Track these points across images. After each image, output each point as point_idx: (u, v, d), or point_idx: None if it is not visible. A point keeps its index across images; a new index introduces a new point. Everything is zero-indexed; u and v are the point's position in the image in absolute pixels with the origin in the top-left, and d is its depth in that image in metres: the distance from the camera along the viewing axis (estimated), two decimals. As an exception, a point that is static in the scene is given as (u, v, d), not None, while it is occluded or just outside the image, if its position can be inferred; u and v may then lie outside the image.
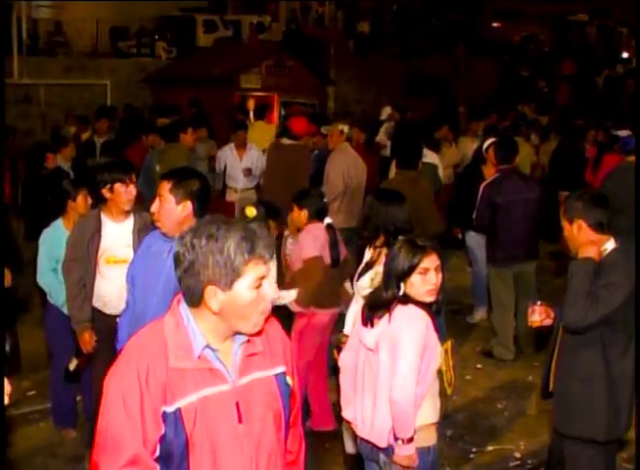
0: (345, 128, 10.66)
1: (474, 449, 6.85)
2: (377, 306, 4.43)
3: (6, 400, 2.55)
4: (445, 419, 5.31)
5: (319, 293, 6.54)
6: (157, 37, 28.26)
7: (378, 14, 33.87)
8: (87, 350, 6.20)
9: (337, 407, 5.77)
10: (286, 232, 7.35)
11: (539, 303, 5.03)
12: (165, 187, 4.82)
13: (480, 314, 10.12)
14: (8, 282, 6.64)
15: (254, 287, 2.77)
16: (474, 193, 9.18)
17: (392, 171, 10.48)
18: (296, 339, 6.58)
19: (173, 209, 4.80)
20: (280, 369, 3.02)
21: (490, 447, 6.92)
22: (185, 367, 2.79)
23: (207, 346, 2.83)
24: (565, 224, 4.85)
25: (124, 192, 5.98)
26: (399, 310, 4.34)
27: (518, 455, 6.77)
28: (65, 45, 26.86)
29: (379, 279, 4.87)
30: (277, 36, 30.27)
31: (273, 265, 2.81)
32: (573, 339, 4.76)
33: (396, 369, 4.25)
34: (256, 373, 2.94)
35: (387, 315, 4.36)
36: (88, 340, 6.16)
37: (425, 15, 34.13)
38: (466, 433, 7.12)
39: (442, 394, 4.56)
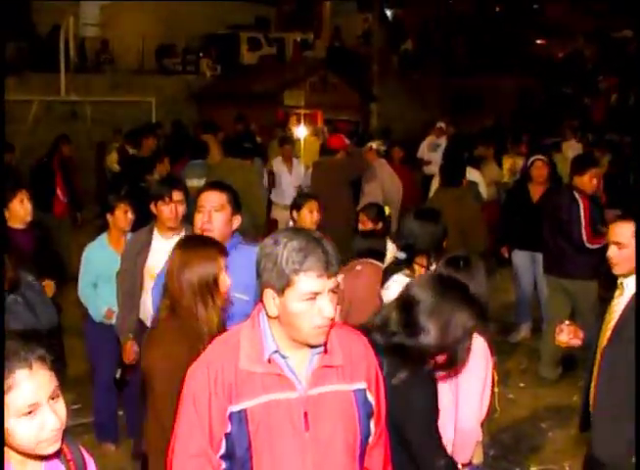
0: (374, 145, 10.97)
1: (517, 469, 6.81)
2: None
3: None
4: (489, 438, 5.27)
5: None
6: (201, 55, 28.47)
7: (423, 31, 33.88)
8: (129, 360, 6.26)
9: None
10: None
11: (567, 322, 4.97)
12: (223, 198, 4.84)
13: (522, 333, 10.06)
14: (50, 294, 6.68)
15: (305, 299, 2.79)
16: (521, 211, 9.14)
17: (433, 189, 10.53)
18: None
19: (229, 220, 4.84)
20: (360, 385, 3.02)
21: (534, 468, 6.87)
22: (253, 370, 2.88)
23: (277, 351, 2.89)
24: (613, 245, 4.74)
25: (166, 209, 6.01)
26: None
27: (562, 476, 6.73)
28: (111, 62, 27.16)
29: None
30: (321, 53, 30.37)
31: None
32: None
33: (464, 399, 4.18)
34: (332, 386, 2.96)
35: None
36: (129, 350, 6.22)
37: (469, 33, 34.07)
38: (509, 452, 7.07)
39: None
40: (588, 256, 8.40)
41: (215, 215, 4.81)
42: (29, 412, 2.51)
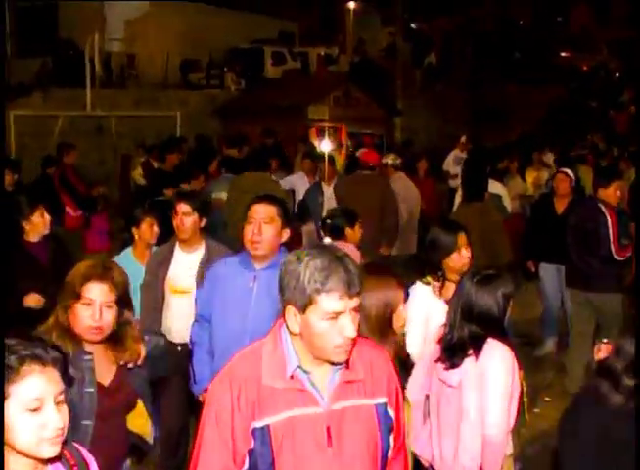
0: (390, 160, 11.02)
1: (542, 484, 6.76)
2: (458, 346, 4.34)
3: None
4: (515, 452, 5.23)
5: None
6: (226, 69, 28.54)
7: (446, 45, 33.89)
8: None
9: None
10: None
11: (605, 340, 4.93)
12: (272, 210, 4.84)
13: (548, 347, 9.99)
14: None
15: (326, 319, 2.79)
16: (547, 224, 9.09)
17: (457, 202, 10.51)
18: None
19: (278, 233, 4.84)
20: (381, 400, 3.03)
21: (559, 482, 6.81)
22: (276, 386, 2.87)
23: (299, 367, 2.89)
24: None
25: (174, 222, 6.10)
26: (486, 347, 4.26)
27: (588, 491, 6.66)
28: (136, 77, 27.31)
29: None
30: (345, 67, 30.43)
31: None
32: None
33: (491, 407, 4.18)
34: (353, 401, 2.96)
35: (471, 353, 4.28)
36: None
37: (493, 46, 34.03)
38: (535, 467, 7.00)
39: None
40: (614, 268, 8.35)
41: (265, 228, 4.79)
42: (34, 410, 2.52)
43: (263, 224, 4.78)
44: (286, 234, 4.91)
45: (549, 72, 32.63)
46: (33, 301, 6.45)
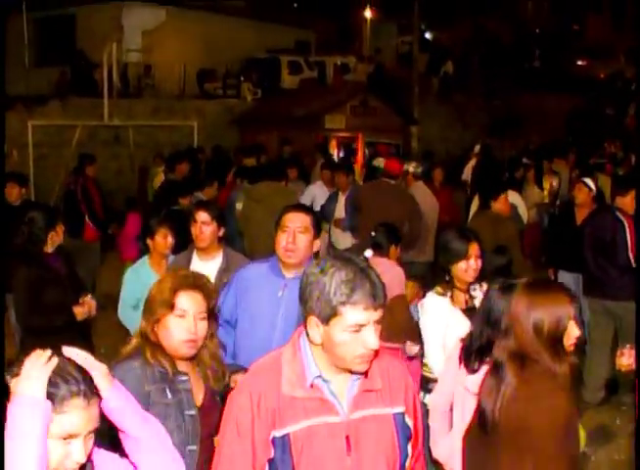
0: (411, 168, 11.04)
1: (561, 494, 6.72)
2: (476, 352, 4.33)
3: None
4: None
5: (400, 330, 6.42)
6: (242, 79, 28.60)
7: (463, 54, 33.89)
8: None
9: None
10: None
11: (628, 345, 4.93)
12: (307, 220, 4.84)
13: (566, 356, 9.94)
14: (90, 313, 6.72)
15: (351, 330, 2.79)
16: (567, 233, 9.08)
17: (472, 211, 10.51)
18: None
19: (311, 243, 4.83)
20: (399, 409, 3.05)
21: (578, 493, 6.77)
22: (296, 395, 2.88)
23: (320, 376, 2.90)
24: None
25: (193, 230, 6.12)
26: None
27: (607, 502, 6.63)
28: (153, 87, 27.42)
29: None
30: (361, 77, 30.46)
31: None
32: None
33: None
34: (372, 410, 2.97)
35: (489, 360, 4.27)
36: None
37: (509, 54, 34.02)
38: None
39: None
40: (632, 276, 8.31)
41: (299, 237, 4.77)
42: (65, 439, 2.52)
43: (298, 233, 4.76)
44: (317, 245, 4.90)
45: (566, 81, 32.60)
46: (80, 313, 6.49)
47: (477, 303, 5.26)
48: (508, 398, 3.58)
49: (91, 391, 2.58)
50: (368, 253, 6.73)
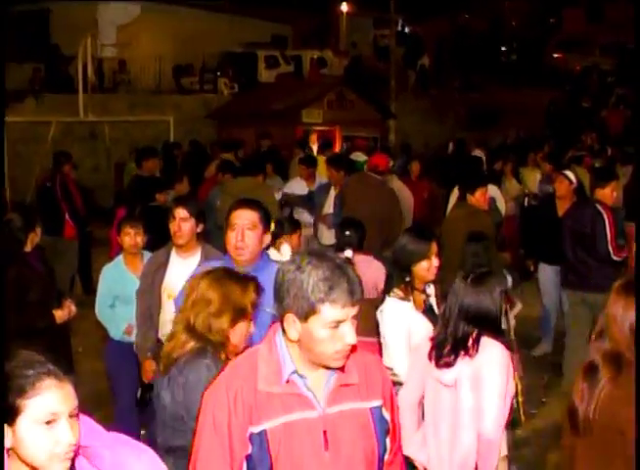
0: None
1: (542, 486, 6.74)
2: (452, 346, 4.34)
3: None
4: (511, 453, 5.22)
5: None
6: (219, 73, 28.56)
7: (439, 47, 33.94)
8: (147, 379, 6.23)
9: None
10: None
11: None
12: (255, 216, 4.82)
13: (544, 347, 9.98)
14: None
15: (329, 327, 2.79)
16: (548, 225, 9.10)
17: (451, 204, 10.51)
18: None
19: (261, 239, 4.82)
20: (376, 403, 3.04)
21: (558, 484, 6.78)
22: (273, 391, 2.88)
23: (295, 372, 2.90)
24: None
25: (171, 227, 6.06)
26: (481, 346, 4.28)
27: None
28: (129, 83, 27.30)
29: None
30: (338, 71, 30.43)
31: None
32: None
33: (486, 406, 4.20)
34: (349, 404, 2.97)
35: (466, 353, 4.30)
36: (148, 370, 6.20)
37: (486, 47, 34.09)
38: (532, 468, 6.99)
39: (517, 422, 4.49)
40: (612, 268, 8.34)
41: (248, 234, 4.78)
42: (49, 423, 2.51)
43: (246, 230, 4.78)
44: (267, 239, 4.92)
45: (542, 74, 32.70)
46: (60, 317, 6.42)
47: (432, 301, 5.30)
48: (603, 399, 3.52)
49: (59, 369, 2.58)
50: (348, 253, 6.72)
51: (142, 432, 7.14)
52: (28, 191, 15.73)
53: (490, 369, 4.22)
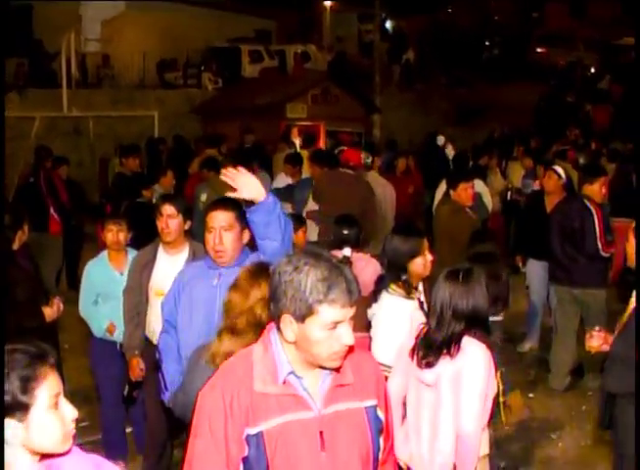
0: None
1: (528, 481, 6.76)
2: (435, 346, 4.34)
3: None
4: (499, 450, 5.24)
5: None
6: (203, 68, 28.47)
7: (424, 42, 33.95)
8: (134, 377, 6.23)
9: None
10: None
11: (598, 328, 4.99)
12: (230, 216, 4.80)
13: (530, 343, 10.00)
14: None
15: (327, 328, 2.77)
16: (536, 221, 9.13)
17: (436, 200, 10.52)
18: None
19: (239, 237, 4.80)
20: (371, 402, 3.03)
21: (545, 479, 6.81)
22: (269, 392, 2.86)
23: (292, 372, 2.88)
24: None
25: (158, 224, 6.03)
26: (463, 346, 4.27)
27: (573, 487, 6.67)
28: (112, 78, 27.21)
29: None
30: (322, 65, 30.41)
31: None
32: None
33: (465, 406, 4.20)
34: (344, 403, 2.96)
35: (447, 352, 4.29)
36: (135, 367, 6.20)
37: (470, 42, 34.13)
38: (520, 464, 7.02)
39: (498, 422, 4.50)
40: (599, 264, 8.39)
41: (225, 236, 4.76)
42: (55, 404, 2.57)
43: (223, 232, 4.76)
44: (247, 236, 4.87)
45: (526, 69, 32.77)
46: (49, 315, 6.37)
47: (421, 297, 5.32)
48: None
49: (44, 357, 2.60)
50: (347, 251, 6.73)
51: (128, 430, 7.14)
52: (12, 186, 15.63)
53: (471, 370, 4.21)
